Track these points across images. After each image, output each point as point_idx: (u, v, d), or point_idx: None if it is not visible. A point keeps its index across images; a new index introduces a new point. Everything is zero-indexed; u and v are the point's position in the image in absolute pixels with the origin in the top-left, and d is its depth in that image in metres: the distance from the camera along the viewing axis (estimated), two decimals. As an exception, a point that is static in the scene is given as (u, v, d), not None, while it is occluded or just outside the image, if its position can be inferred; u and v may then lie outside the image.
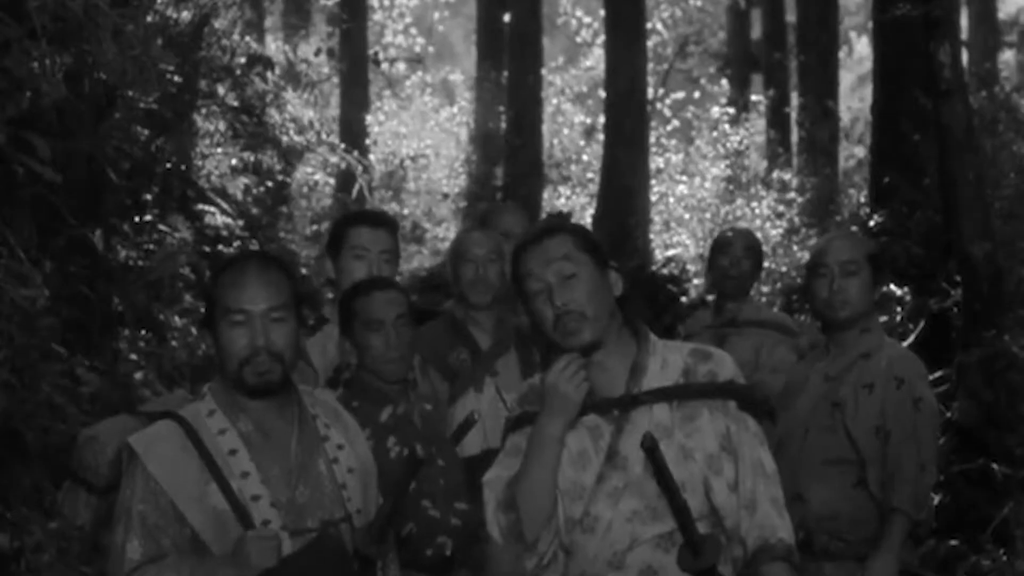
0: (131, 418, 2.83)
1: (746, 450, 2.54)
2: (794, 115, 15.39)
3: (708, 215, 13.45)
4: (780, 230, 12.02)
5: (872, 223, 9.04)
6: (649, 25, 17.31)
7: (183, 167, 8.58)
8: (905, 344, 7.24)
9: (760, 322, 4.72)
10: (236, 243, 8.93)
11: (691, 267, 12.75)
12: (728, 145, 15.08)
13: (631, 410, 2.54)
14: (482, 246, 4.19)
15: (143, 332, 6.83)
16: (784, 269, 10.80)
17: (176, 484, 2.53)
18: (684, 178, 15.31)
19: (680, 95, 19.63)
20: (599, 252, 2.60)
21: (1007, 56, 18.61)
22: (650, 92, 16.50)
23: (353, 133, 16.24)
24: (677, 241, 13.57)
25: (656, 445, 2.42)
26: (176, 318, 7.20)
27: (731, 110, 16.35)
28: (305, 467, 2.65)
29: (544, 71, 17.66)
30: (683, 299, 12.40)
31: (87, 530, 2.84)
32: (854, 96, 19.59)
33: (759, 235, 7.12)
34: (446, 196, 17.52)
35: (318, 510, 2.62)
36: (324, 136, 12.79)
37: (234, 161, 9.60)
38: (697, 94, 19.77)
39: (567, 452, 2.55)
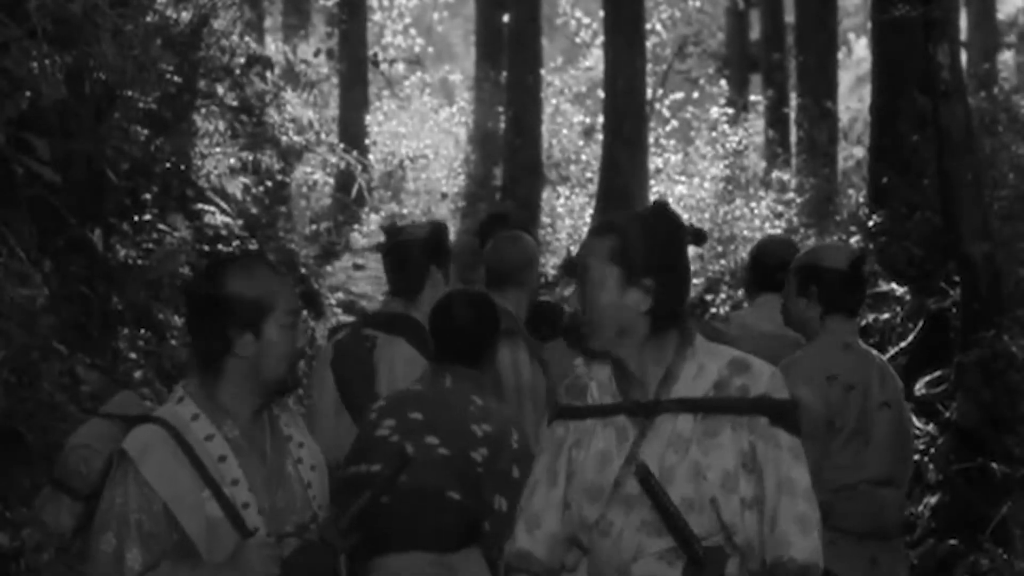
0: (107, 422, 2.73)
1: (772, 467, 2.47)
2: (793, 115, 15.37)
3: (707, 215, 13.44)
4: (779, 231, 12.01)
5: (871, 223, 9.04)
6: (648, 26, 17.31)
7: (182, 167, 8.58)
8: (904, 344, 7.27)
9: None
10: (235, 243, 8.93)
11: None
12: (727, 145, 15.06)
13: (655, 416, 2.51)
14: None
15: (142, 331, 6.84)
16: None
17: (172, 491, 2.49)
18: (683, 178, 15.30)
19: (679, 95, 19.63)
20: (632, 265, 2.48)
21: (1006, 57, 18.57)
22: (649, 92, 16.50)
23: (352, 133, 16.27)
24: (676, 241, 13.54)
25: (649, 474, 2.39)
26: (175, 317, 7.20)
27: (730, 110, 16.34)
28: (279, 471, 2.62)
29: (543, 71, 17.65)
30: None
31: (68, 536, 2.78)
32: (853, 96, 19.59)
33: (757, 236, 7.04)
34: (445, 196, 17.52)
35: (292, 514, 2.60)
36: (323, 136, 12.81)
37: (233, 161, 9.59)
38: (696, 94, 19.76)
39: (590, 451, 2.54)
